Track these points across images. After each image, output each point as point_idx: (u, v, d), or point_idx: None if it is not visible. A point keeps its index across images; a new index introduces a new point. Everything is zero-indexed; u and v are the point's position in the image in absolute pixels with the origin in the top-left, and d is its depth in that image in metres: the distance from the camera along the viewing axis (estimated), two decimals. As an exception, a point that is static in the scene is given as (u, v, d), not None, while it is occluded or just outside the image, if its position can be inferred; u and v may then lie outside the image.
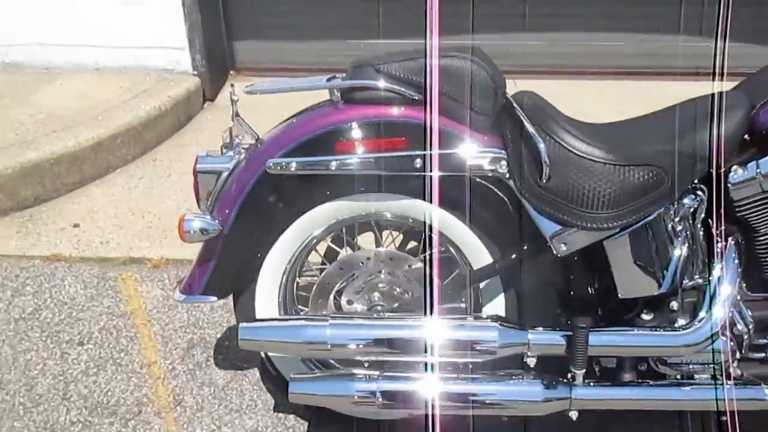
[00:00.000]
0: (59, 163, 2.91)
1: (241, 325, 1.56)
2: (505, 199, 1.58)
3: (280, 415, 1.95)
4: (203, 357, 2.14)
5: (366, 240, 1.84)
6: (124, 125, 3.16)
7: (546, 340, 1.53)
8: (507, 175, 1.52)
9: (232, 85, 1.66)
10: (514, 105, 1.53)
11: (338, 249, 1.82)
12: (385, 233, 1.81)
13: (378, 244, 1.79)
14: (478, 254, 1.64)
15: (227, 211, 1.63)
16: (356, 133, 1.55)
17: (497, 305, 1.68)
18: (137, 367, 2.10)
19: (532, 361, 1.53)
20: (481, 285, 1.68)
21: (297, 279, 1.77)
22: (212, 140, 3.50)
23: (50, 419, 1.92)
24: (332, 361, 1.75)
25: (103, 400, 1.98)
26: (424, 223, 1.63)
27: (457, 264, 1.72)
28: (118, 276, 2.51)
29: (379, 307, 1.69)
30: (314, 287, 1.72)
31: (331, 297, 1.72)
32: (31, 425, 1.89)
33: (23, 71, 3.72)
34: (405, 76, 1.53)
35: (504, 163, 1.52)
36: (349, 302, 1.71)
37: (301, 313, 1.81)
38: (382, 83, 1.53)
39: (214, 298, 1.70)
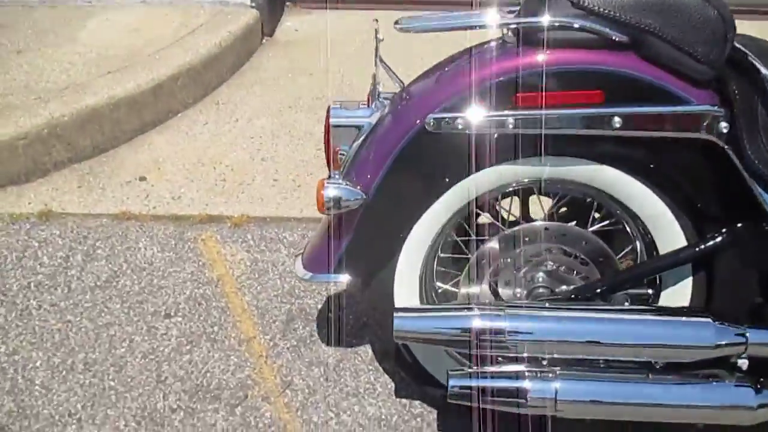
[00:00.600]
0: (118, 107, 2.60)
1: (396, 314, 1.29)
2: (716, 168, 1.26)
3: (404, 401, 1.71)
4: (306, 331, 1.90)
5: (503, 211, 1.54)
6: (184, 65, 2.83)
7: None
8: (725, 139, 1.21)
9: (376, 20, 1.34)
10: (745, 51, 1.20)
11: (491, 220, 1.53)
12: (539, 202, 1.52)
13: (540, 216, 1.49)
14: (670, 233, 1.34)
15: (369, 175, 1.33)
16: (540, 83, 1.24)
17: (680, 293, 1.40)
18: (235, 344, 1.86)
19: (744, 364, 1.26)
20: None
21: (439, 253, 1.50)
22: (277, 81, 3.18)
23: (147, 405, 1.70)
24: (483, 355, 1.50)
25: (202, 382, 1.76)
26: (607, 196, 1.34)
27: (630, 241, 1.44)
28: (197, 237, 2.25)
29: (542, 290, 1.42)
30: (468, 265, 1.44)
31: (486, 278, 1.45)
32: (127, 413, 1.68)
33: (65, 4, 3.37)
34: (607, 12, 1.19)
35: (724, 124, 1.20)
36: (507, 284, 1.44)
37: (439, 290, 1.55)
38: (578, 21, 1.20)
39: (348, 278, 1.43)
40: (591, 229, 1.42)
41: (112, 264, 2.12)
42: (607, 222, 1.43)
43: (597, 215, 1.45)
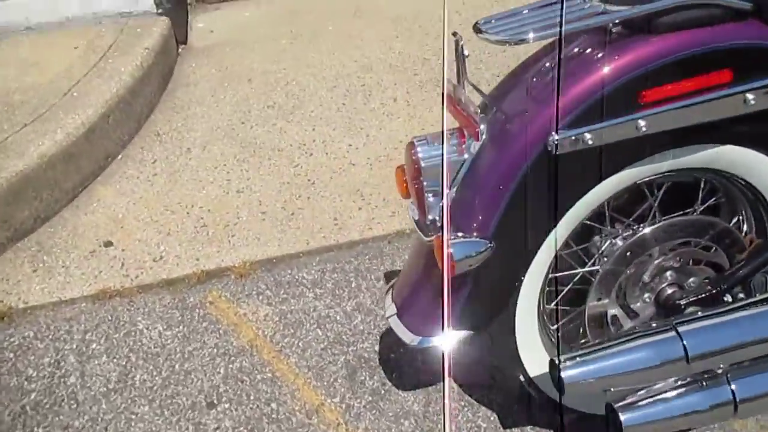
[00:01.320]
0: (53, 165, 2.17)
1: (563, 365, 1.12)
2: None
3: (515, 430, 1.58)
4: (376, 381, 1.69)
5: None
6: (112, 98, 2.41)
7: None
8: None
9: (455, 33, 1.12)
10: None
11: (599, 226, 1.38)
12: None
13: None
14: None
15: (483, 217, 1.14)
16: (666, 73, 1.09)
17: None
18: (303, 418, 1.62)
19: None
20: None
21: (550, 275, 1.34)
22: (215, 94, 2.83)
23: None
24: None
25: (287, 476, 1.52)
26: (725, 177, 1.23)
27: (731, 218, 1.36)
28: (203, 300, 1.94)
29: (672, 291, 1.30)
30: (595, 283, 1.29)
31: (613, 293, 1.31)
32: None
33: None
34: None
35: None
36: (636, 292, 1.31)
37: (552, 326, 1.40)
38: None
39: (466, 334, 1.24)
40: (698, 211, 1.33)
41: (117, 358, 1.78)
42: (713, 200, 1.34)
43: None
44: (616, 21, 1.10)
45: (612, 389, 1.15)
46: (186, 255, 2.08)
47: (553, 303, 1.35)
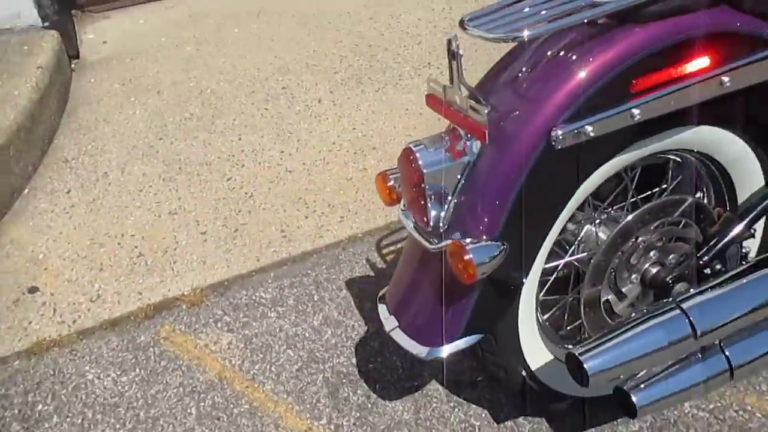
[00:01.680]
0: (-48, 209, 1.92)
1: (583, 357, 1.11)
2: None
3: (509, 423, 1.57)
4: (360, 396, 1.63)
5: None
6: (11, 125, 2.15)
7: None
8: None
9: (453, 37, 1.06)
10: None
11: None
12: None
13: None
14: (752, 174, 1.35)
15: (489, 219, 1.11)
16: (654, 62, 1.10)
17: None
18: (292, 448, 1.54)
19: None
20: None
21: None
22: (122, 110, 2.61)
23: None
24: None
25: None
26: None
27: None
28: (156, 337, 1.78)
29: (657, 270, 1.34)
30: (590, 270, 1.29)
31: (606, 278, 1.32)
32: None
33: None
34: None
35: None
36: (625, 275, 1.34)
37: (546, 322, 1.40)
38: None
39: (476, 337, 1.21)
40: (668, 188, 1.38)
41: (70, 416, 1.59)
42: (678, 179, 1.40)
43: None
44: (608, 12, 1.11)
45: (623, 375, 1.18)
46: (126, 290, 1.91)
47: (541, 294, 1.36)
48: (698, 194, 1.43)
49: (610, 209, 1.38)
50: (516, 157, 1.09)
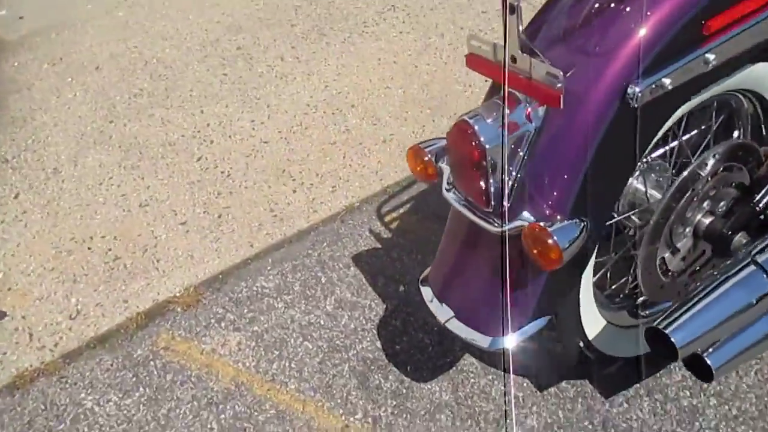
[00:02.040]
0: None
1: (669, 328, 0.99)
2: None
3: (545, 394, 1.48)
4: (394, 382, 1.49)
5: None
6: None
7: None
8: None
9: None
10: None
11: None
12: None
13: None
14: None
15: (557, 193, 0.96)
16: (725, 1, 0.97)
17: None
18: (333, 450, 1.40)
19: None
20: None
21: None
22: (59, 96, 2.30)
23: None
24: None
25: None
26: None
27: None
28: (154, 348, 1.59)
29: (714, 224, 1.23)
30: (648, 231, 1.17)
31: (663, 235, 1.20)
32: None
33: None
34: None
35: None
36: (680, 234, 1.22)
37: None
38: None
39: (544, 321, 1.08)
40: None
41: (74, 453, 1.41)
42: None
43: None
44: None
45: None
46: (109, 300, 1.69)
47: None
48: (736, 133, 1.33)
49: (647, 159, 1.26)
50: (590, 121, 0.94)
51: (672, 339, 1.00)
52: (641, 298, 1.34)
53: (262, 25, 2.55)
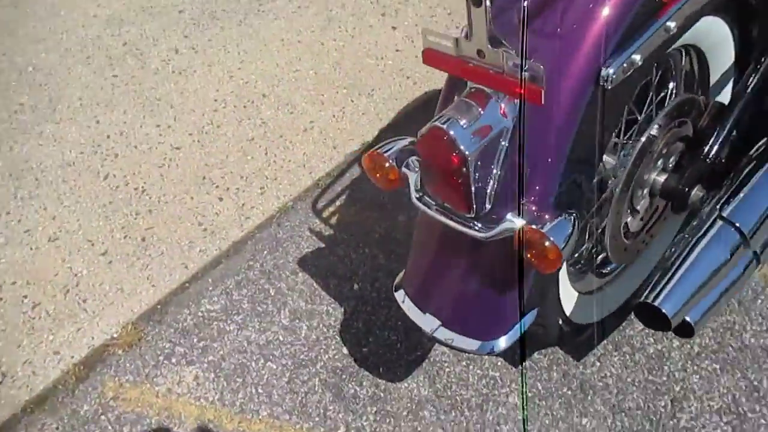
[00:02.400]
0: None
1: (658, 300, 1.00)
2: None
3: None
4: (369, 387, 1.45)
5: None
6: None
7: None
8: None
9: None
10: None
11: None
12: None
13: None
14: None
15: (539, 188, 0.93)
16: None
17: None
18: (320, 472, 1.35)
19: None
20: None
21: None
22: None
23: None
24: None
25: None
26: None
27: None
28: (103, 400, 1.44)
29: (669, 181, 1.24)
30: (614, 199, 1.16)
31: (626, 202, 1.20)
32: None
33: None
34: None
35: None
36: (639, 197, 1.23)
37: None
38: None
39: (532, 315, 1.06)
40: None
41: None
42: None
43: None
44: None
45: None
46: (37, 355, 1.52)
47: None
48: (672, 85, 1.36)
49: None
50: (566, 111, 0.91)
51: (663, 310, 1.03)
52: (599, 257, 1.37)
53: (146, 15, 2.32)
